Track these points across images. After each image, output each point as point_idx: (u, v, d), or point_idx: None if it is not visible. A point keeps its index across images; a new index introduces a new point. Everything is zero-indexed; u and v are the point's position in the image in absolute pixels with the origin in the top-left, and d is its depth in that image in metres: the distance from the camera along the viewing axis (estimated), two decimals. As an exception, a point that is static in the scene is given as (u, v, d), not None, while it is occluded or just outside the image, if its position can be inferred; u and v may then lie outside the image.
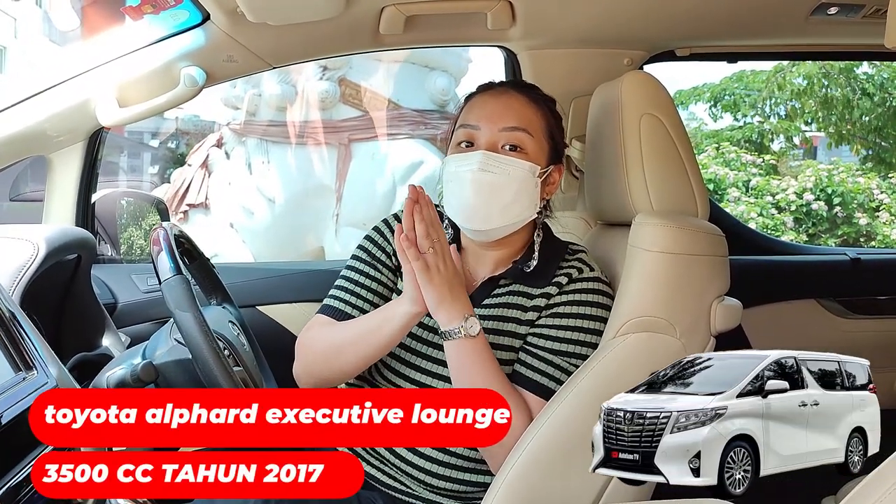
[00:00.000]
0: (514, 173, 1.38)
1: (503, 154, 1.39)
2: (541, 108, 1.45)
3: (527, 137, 1.41)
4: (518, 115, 1.42)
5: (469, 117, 1.44)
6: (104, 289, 1.98)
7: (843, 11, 1.86)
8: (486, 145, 1.40)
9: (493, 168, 1.38)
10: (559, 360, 1.37)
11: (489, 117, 1.42)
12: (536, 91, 1.50)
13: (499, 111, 1.42)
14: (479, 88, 1.50)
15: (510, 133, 1.40)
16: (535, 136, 1.42)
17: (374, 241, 1.53)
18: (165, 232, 1.35)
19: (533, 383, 1.36)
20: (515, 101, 1.44)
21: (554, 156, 1.46)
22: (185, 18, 1.79)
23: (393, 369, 1.46)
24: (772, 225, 7.06)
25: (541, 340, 1.39)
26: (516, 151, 1.40)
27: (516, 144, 1.40)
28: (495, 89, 1.48)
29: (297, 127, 6.51)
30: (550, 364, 1.37)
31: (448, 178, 1.43)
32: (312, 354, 1.46)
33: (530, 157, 1.40)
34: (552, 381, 1.36)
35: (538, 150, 1.42)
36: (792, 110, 9.33)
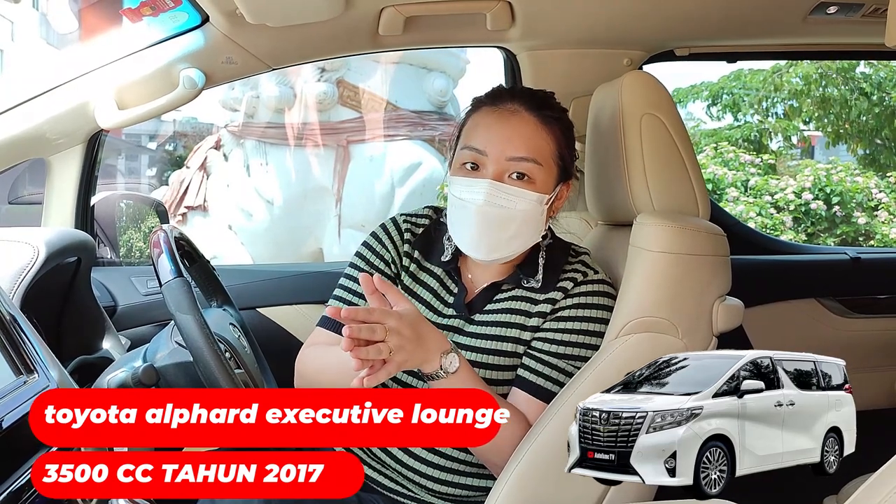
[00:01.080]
0: (521, 206, 1.36)
1: (510, 184, 1.36)
2: (552, 131, 1.40)
3: (535, 168, 1.37)
4: (527, 143, 1.37)
5: (475, 139, 1.39)
6: (104, 291, 1.98)
7: (843, 11, 1.86)
8: (492, 174, 1.36)
9: (500, 201, 1.35)
10: (563, 363, 1.37)
11: (496, 144, 1.37)
12: (548, 109, 1.43)
13: (506, 136, 1.37)
14: (487, 98, 1.45)
15: (519, 163, 1.36)
16: (544, 165, 1.38)
17: (372, 248, 1.51)
18: (166, 234, 1.35)
19: (536, 387, 1.36)
20: (525, 126, 1.38)
21: (562, 175, 1.42)
22: (184, 20, 1.79)
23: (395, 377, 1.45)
24: (771, 224, 7.06)
25: (546, 345, 1.38)
26: (524, 180, 1.36)
27: (524, 173, 1.36)
28: (504, 107, 1.40)
29: (295, 129, 6.52)
30: (555, 368, 1.37)
31: (453, 201, 1.40)
32: (307, 375, 1.46)
33: (538, 187, 1.37)
34: (556, 386, 1.36)
35: (547, 177, 1.39)
36: (790, 109, 9.34)
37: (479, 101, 1.45)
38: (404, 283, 1.49)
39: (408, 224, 1.51)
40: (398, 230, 1.51)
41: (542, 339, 1.39)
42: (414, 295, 1.47)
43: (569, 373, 1.36)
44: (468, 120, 1.44)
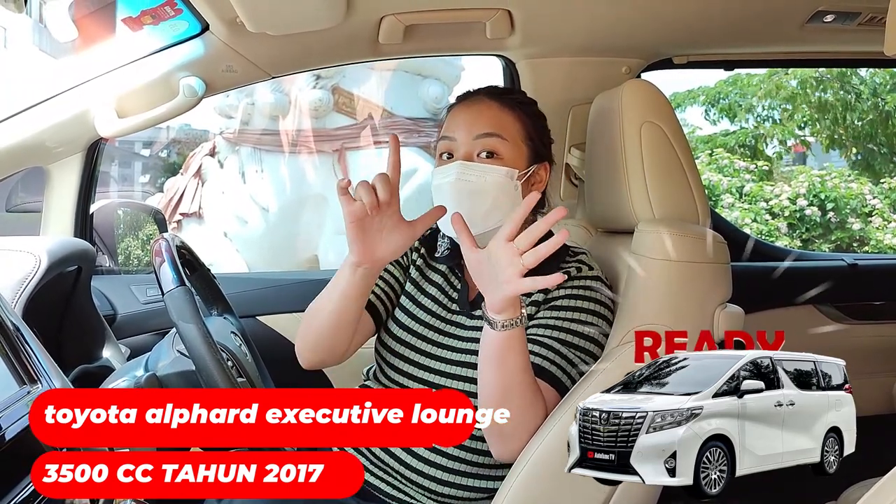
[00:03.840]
0: (491, 179, 1.41)
1: (479, 162, 1.42)
2: (514, 112, 1.47)
3: (500, 143, 1.43)
4: (489, 121, 1.44)
5: (448, 128, 1.47)
6: (103, 300, 1.98)
7: (839, 19, 1.87)
8: (462, 155, 1.42)
9: (469, 177, 1.40)
10: (557, 345, 1.36)
11: (463, 126, 1.45)
12: (510, 95, 1.51)
13: (471, 119, 1.45)
14: (458, 99, 1.53)
15: (484, 140, 1.42)
16: (509, 140, 1.44)
17: None
18: (167, 243, 1.35)
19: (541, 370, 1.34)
20: (487, 107, 1.46)
21: (534, 156, 1.47)
22: (184, 29, 1.79)
23: (399, 370, 1.47)
24: (766, 231, 7.09)
25: (543, 330, 1.38)
26: (492, 158, 1.42)
27: (492, 151, 1.42)
28: (469, 98, 1.50)
29: (290, 136, 6.52)
30: (550, 349, 1.35)
31: (434, 191, 1.45)
32: (304, 322, 1.48)
33: (506, 162, 1.42)
34: (551, 365, 1.34)
35: (514, 153, 1.44)
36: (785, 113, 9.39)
37: (452, 104, 1.53)
38: (413, 278, 1.54)
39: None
40: None
41: (536, 325, 1.39)
42: (422, 290, 1.52)
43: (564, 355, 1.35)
44: (445, 119, 1.51)
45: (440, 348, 1.45)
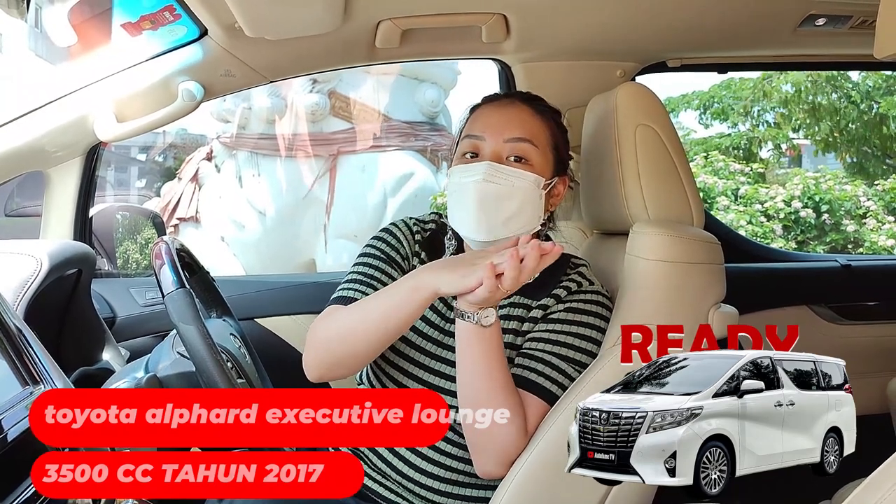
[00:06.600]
0: (519, 184, 1.39)
1: (508, 165, 1.39)
2: (546, 120, 1.46)
3: (532, 149, 1.41)
4: (523, 126, 1.42)
5: (474, 128, 1.44)
6: (103, 303, 1.98)
7: (831, 23, 1.89)
8: (490, 156, 1.40)
9: (497, 179, 1.37)
10: (556, 361, 1.36)
11: (494, 128, 1.42)
12: (541, 103, 1.50)
13: (504, 122, 1.42)
14: (485, 100, 1.51)
15: (515, 144, 1.40)
16: (539, 148, 1.42)
17: (389, 242, 1.52)
18: (167, 245, 1.36)
19: (529, 383, 1.35)
20: (520, 112, 1.44)
21: (559, 167, 1.46)
22: (183, 34, 1.80)
23: (401, 369, 1.46)
24: (761, 233, 7.10)
25: (537, 344, 1.38)
26: (521, 163, 1.40)
27: (521, 156, 1.40)
28: (500, 100, 1.49)
29: (287, 140, 6.52)
30: (548, 365, 1.36)
31: (453, 188, 1.42)
32: (326, 336, 1.39)
33: (535, 169, 1.41)
34: (547, 381, 1.35)
35: (543, 161, 1.42)
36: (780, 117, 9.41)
37: (478, 104, 1.51)
38: None
39: (417, 227, 1.55)
40: (409, 230, 1.54)
41: (534, 339, 1.40)
42: None
43: (562, 370, 1.36)
44: (468, 119, 1.49)
45: (442, 348, 1.45)
